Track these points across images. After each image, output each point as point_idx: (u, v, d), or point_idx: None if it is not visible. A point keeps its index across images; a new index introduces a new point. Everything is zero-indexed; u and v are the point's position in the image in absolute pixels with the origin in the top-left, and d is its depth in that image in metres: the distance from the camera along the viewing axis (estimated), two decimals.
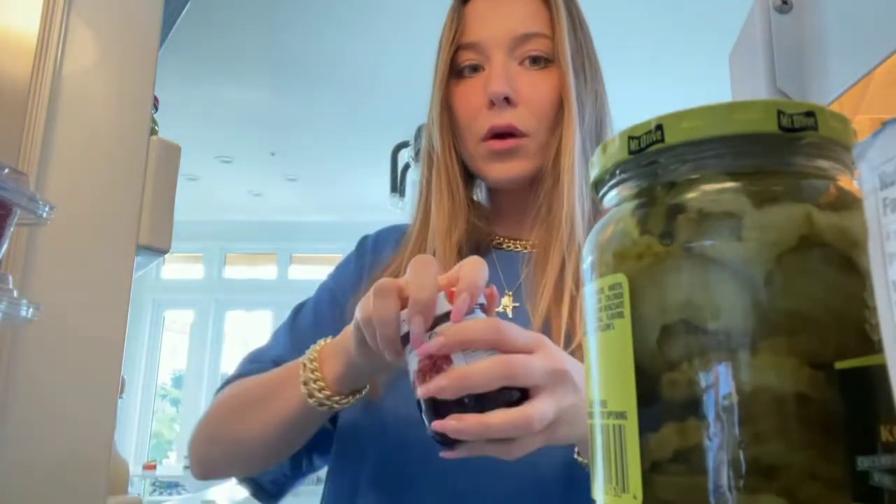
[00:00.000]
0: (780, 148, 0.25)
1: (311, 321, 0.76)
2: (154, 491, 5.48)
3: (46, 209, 0.61)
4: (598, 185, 0.30)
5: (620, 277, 0.26)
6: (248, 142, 4.64)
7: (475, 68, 0.69)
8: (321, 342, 0.60)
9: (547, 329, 0.62)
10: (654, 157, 0.26)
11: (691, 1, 3.12)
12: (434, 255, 0.68)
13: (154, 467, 5.16)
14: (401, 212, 3.07)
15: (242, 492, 0.89)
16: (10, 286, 0.61)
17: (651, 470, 0.24)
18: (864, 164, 0.19)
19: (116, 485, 0.94)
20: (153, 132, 1.03)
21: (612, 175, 0.28)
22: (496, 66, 0.67)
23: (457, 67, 0.70)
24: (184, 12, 1.39)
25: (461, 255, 0.67)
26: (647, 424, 0.24)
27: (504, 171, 0.68)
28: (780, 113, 0.25)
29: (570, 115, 0.67)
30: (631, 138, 0.27)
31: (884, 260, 0.18)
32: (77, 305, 0.89)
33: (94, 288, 0.91)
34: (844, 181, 0.27)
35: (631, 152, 0.27)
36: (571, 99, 0.67)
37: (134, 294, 0.93)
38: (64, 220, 0.78)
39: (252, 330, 6.28)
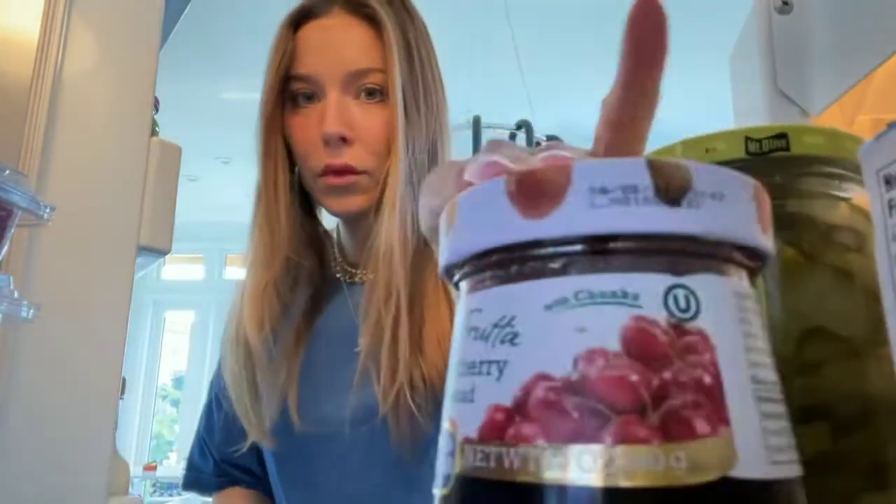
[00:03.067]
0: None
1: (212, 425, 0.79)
2: (154, 492, 5.47)
3: (47, 210, 0.61)
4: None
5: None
6: (248, 142, 4.62)
7: (309, 97, 0.68)
8: None
9: (374, 364, 0.63)
10: (778, 163, 0.27)
11: (692, 1, 3.12)
12: (244, 292, 0.70)
13: (154, 468, 5.16)
14: None
15: None
16: (11, 287, 0.61)
17: None
18: (868, 165, 0.19)
19: (117, 485, 0.94)
20: (154, 133, 1.03)
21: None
22: (330, 105, 0.66)
23: (290, 94, 0.69)
24: (184, 13, 1.39)
25: (273, 294, 0.68)
26: None
27: (343, 205, 0.68)
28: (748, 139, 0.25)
29: (396, 150, 0.66)
30: (750, 140, 0.27)
31: (890, 261, 0.18)
32: (77, 306, 0.89)
33: (95, 289, 0.91)
34: None
35: (749, 153, 0.27)
36: (398, 134, 0.66)
37: (134, 295, 0.93)
38: (64, 221, 0.78)
39: None
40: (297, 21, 0.69)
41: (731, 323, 0.15)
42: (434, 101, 0.72)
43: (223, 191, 5.53)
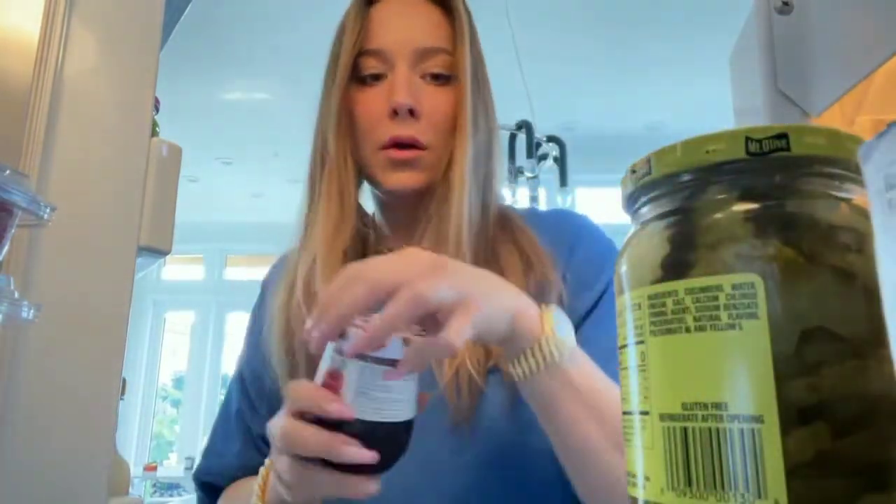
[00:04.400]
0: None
1: (238, 424, 0.76)
2: (155, 492, 5.48)
3: (47, 210, 0.61)
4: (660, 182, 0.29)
5: (753, 277, 0.25)
6: (249, 143, 4.64)
7: (377, 77, 0.69)
8: (268, 462, 0.59)
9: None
10: (779, 163, 0.27)
11: (692, 1, 3.12)
12: (315, 261, 0.68)
13: (155, 468, 5.16)
14: None
15: None
16: (12, 287, 0.61)
17: (788, 474, 0.24)
18: (869, 165, 0.19)
19: (117, 486, 0.94)
20: (154, 133, 1.03)
21: (704, 173, 0.28)
22: (400, 77, 0.67)
23: (358, 73, 0.70)
24: (184, 14, 1.39)
25: (345, 263, 0.67)
26: (783, 429, 0.24)
27: (402, 180, 0.68)
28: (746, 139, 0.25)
29: (463, 130, 0.68)
30: (750, 140, 0.27)
31: (891, 262, 0.18)
32: (78, 307, 0.89)
33: (95, 289, 0.91)
34: None
35: (750, 153, 0.27)
36: (467, 115, 0.68)
37: (135, 295, 0.93)
38: (65, 221, 0.78)
39: None
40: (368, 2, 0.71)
41: None
42: (489, 83, 0.75)
43: (223, 191, 5.53)
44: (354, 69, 0.70)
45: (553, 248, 0.69)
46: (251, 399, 0.75)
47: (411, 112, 0.66)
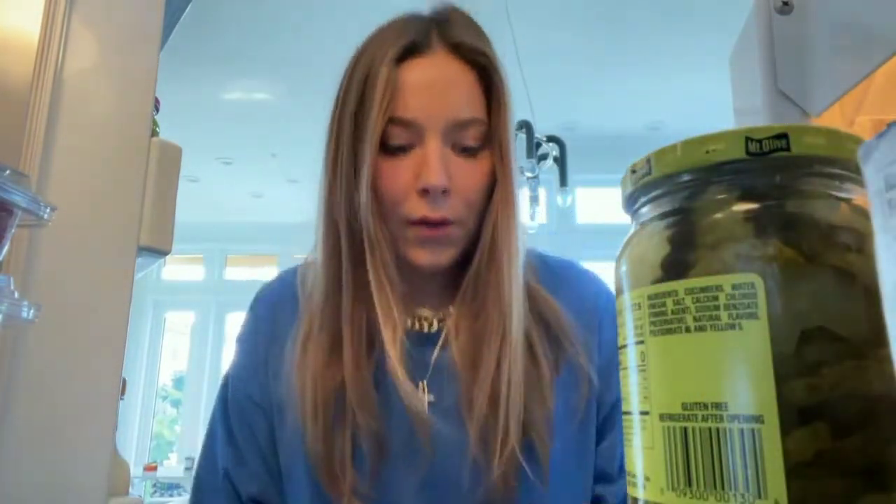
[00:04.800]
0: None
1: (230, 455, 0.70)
2: (155, 492, 5.47)
3: (47, 211, 0.61)
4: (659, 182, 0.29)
5: (753, 277, 0.25)
6: (248, 143, 4.64)
7: (404, 147, 0.63)
8: None
9: (485, 433, 0.60)
10: (779, 163, 0.27)
11: (692, 1, 3.12)
12: (374, 346, 0.64)
13: (155, 468, 5.16)
14: None
15: None
16: (12, 287, 0.61)
17: (788, 474, 0.24)
18: (869, 165, 0.19)
19: (117, 486, 0.94)
20: (154, 133, 1.03)
21: (704, 173, 0.28)
22: (433, 154, 0.61)
23: (383, 141, 0.63)
24: (184, 14, 1.39)
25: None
26: (783, 429, 0.24)
27: (431, 258, 0.64)
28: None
29: (507, 200, 0.64)
30: (750, 140, 0.27)
31: (891, 261, 0.18)
32: (78, 307, 0.89)
33: (95, 289, 0.91)
34: None
35: (750, 153, 0.27)
36: (511, 186, 0.64)
37: (135, 295, 0.93)
38: (65, 221, 0.78)
39: None
40: (401, 57, 0.64)
41: None
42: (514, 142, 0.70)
43: (223, 191, 5.53)
44: (381, 134, 0.63)
45: (578, 321, 0.67)
46: (239, 449, 0.69)
47: (444, 191, 0.62)
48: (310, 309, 0.67)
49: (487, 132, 0.64)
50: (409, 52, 0.64)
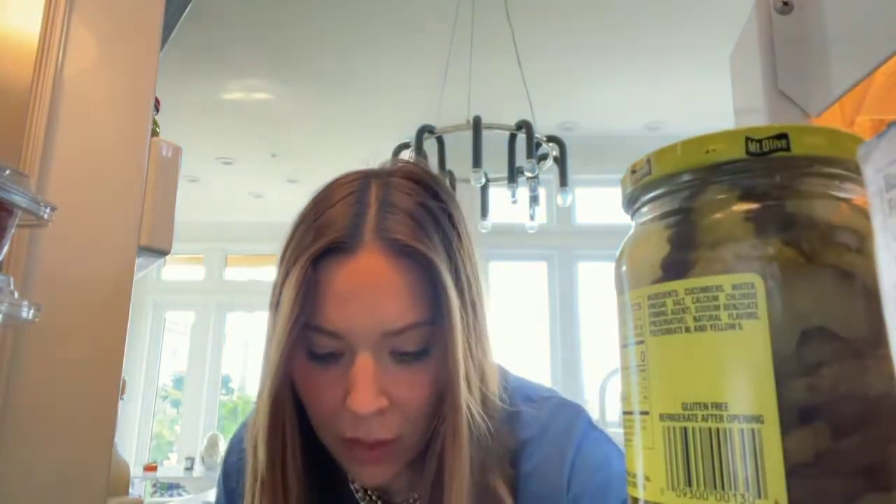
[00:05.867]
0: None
1: None
2: (155, 492, 5.48)
3: (47, 210, 0.61)
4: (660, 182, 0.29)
5: (753, 277, 0.25)
6: (248, 143, 4.64)
7: (333, 354, 0.54)
8: None
9: None
10: (779, 163, 0.27)
11: (692, 1, 3.12)
12: None
13: (155, 468, 5.16)
14: None
15: None
16: (12, 287, 0.61)
17: (788, 475, 0.24)
18: (869, 165, 0.19)
19: (117, 486, 0.94)
20: (154, 133, 1.03)
21: (704, 173, 0.28)
22: (360, 374, 0.52)
23: (307, 343, 0.54)
24: (184, 14, 1.39)
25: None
26: (783, 429, 0.24)
27: (371, 476, 0.57)
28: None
29: (454, 405, 0.54)
30: (750, 140, 0.27)
31: (891, 261, 0.18)
32: (78, 307, 0.89)
33: (95, 289, 0.91)
34: None
35: (750, 153, 0.27)
36: (458, 389, 0.54)
37: (135, 295, 0.93)
38: (65, 221, 0.78)
39: (253, 331, 6.28)
40: (322, 254, 0.54)
41: None
42: (482, 316, 0.60)
43: (223, 191, 5.53)
44: (302, 338, 0.54)
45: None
46: None
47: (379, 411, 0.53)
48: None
49: (431, 333, 0.54)
50: (331, 250, 0.54)
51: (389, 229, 0.54)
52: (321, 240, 0.54)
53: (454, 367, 0.54)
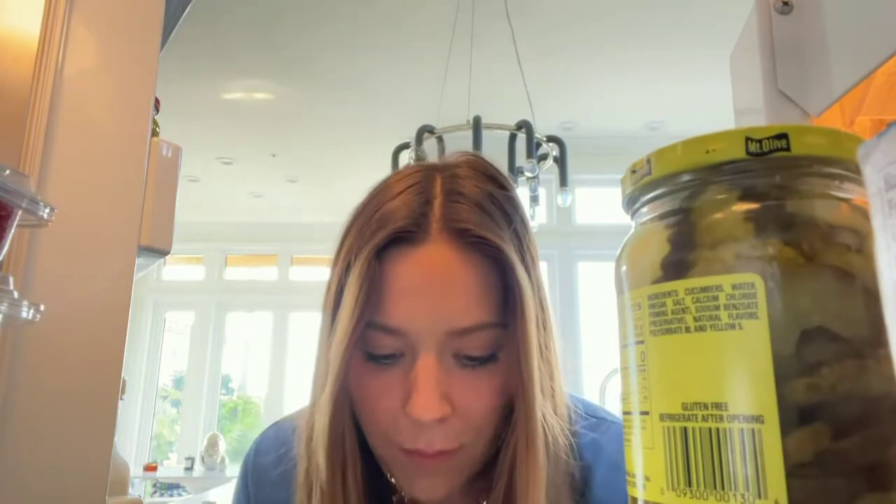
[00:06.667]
0: None
1: None
2: (155, 492, 5.48)
3: (47, 210, 0.61)
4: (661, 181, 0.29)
5: (753, 277, 0.25)
6: (248, 143, 4.64)
7: (394, 355, 0.51)
8: None
9: None
10: (779, 163, 0.27)
11: (692, 1, 3.12)
12: None
13: (155, 468, 5.17)
14: None
15: None
16: (11, 287, 0.61)
17: (788, 475, 0.24)
18: (868, 165, 0.19)
19: (117, 486, 0.94)
20: (154, 133, 1.03)
21: (704, 173, 0.28)
22: (423, 377, 0.48)
23: (366, 347, 0.51)
24: (185, 14, 1.39)
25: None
26: (783, 429, 0.24)
27: (427, 490, 0.52)
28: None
29: (529, 436, 0.50)
30: (750, 140, 0.27)
31: (891, 261, 0.18)
32: (78, 307, 0.89)
33: (96, 289, 0.91)
34: None
35: (750, 153, 0.27)
36: (532, 410, 0.50)
37: (135, 295, 0.93)
38: (65, 221, 0.78)
39: (253, 331, 6.28)
40: (384, 247, 0.50)
41: None
42: (551, 320, 0.55)
43: (224, 191, 5.53)
44: (362, 338, 0.50)
45: None
46: None
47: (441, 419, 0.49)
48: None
49: (501, 337, 0.50)
50: (397, 241, 0.50)
51: (458, 219, 0.50)
52: (384, 230, 0.50)
53: (528, 375, 0.49)
